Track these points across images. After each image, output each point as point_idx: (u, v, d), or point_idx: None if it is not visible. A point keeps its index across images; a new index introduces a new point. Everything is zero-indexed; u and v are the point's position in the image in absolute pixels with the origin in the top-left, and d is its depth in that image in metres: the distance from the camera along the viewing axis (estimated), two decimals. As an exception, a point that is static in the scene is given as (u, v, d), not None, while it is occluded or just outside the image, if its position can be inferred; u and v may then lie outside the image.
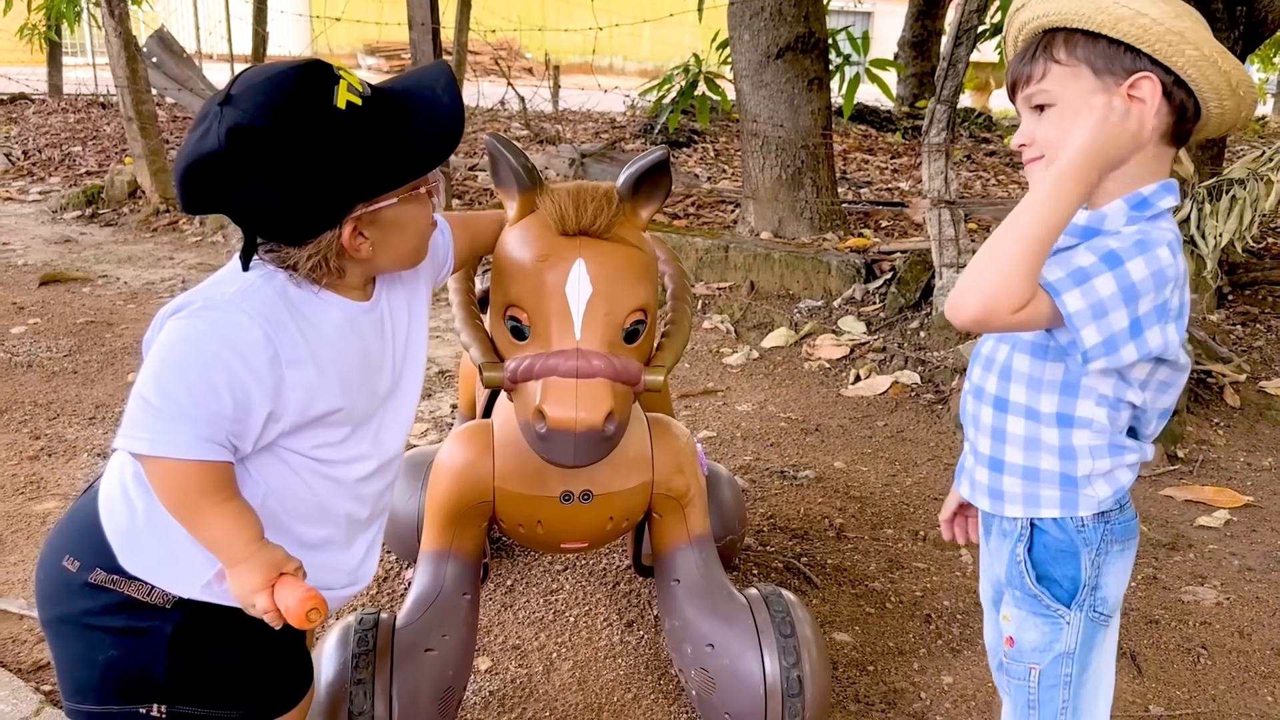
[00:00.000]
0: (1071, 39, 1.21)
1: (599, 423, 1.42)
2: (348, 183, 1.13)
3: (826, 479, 2.87)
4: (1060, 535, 1.36)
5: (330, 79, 1.11)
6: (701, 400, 3.48)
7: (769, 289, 4.47)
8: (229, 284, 1.17)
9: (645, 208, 1.55)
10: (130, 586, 1.19)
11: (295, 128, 1.08)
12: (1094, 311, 1.15)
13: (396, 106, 1.15)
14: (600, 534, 1.73)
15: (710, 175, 6.84)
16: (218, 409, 1.12)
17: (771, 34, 4.81)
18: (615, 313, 1.48)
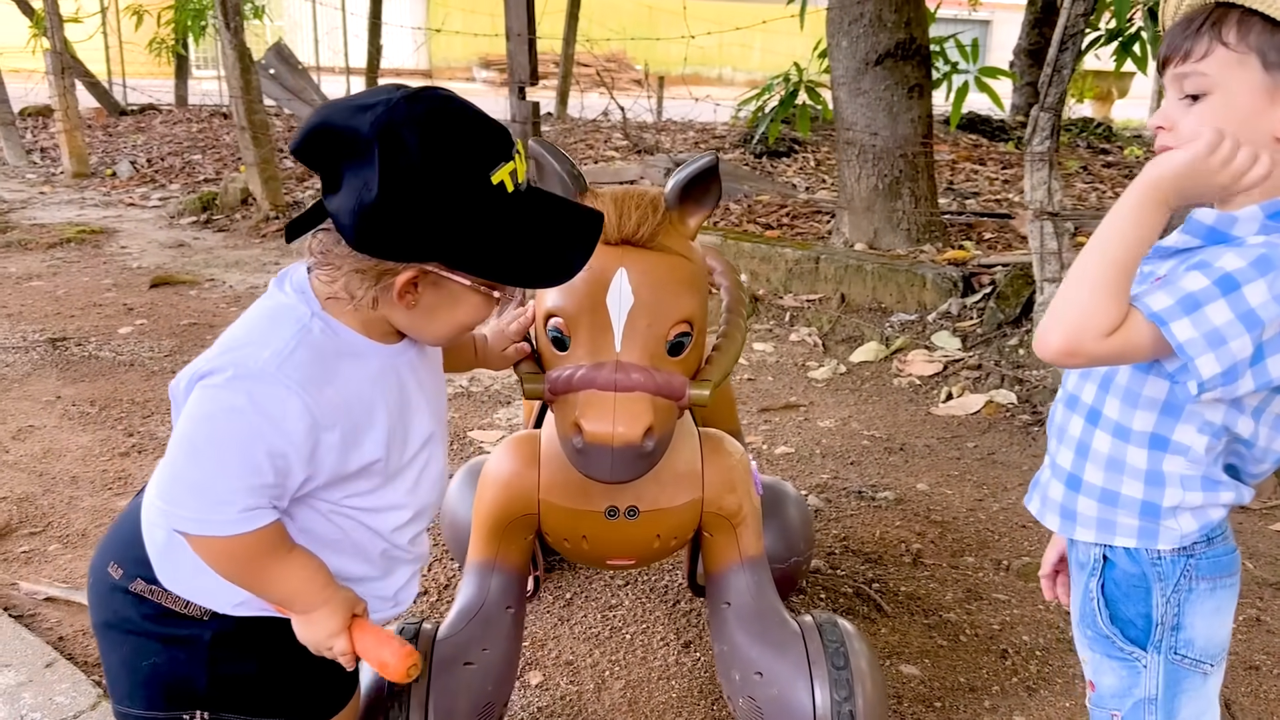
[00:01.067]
0: (1247, 21, 1.07)
1: (637, 438, 1.37)
2: (442, 238, 1.09)
3: (907, 501, 2.75)
4: (1132, 568, 1.24)
5: (503, 155, 1.10)
6: (782, 415, 3.39)
7: (860, 302, 4.35)
8: (262, 346, 1.12)
9: (693, 215, 1.49)
10: (168, 599, 1.21)
11: (442, 162, 1.05)
12: (1210, 340, 1.03)
13: (532, 222, 1.13)
14: (647, 551, 1.68)
15: (809, 185, 6.73)
16: (259, 481, 1.11)
17: (870, 40, 4.70)
18: (658, 324, 1.43)
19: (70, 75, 7.72)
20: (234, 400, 1.08)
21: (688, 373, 1.48)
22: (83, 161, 7.92)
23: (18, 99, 9.06)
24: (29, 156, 8.45)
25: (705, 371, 1.52)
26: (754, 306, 4.38)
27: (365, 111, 1.05)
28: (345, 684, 1.36)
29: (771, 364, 3.90)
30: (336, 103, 1.10)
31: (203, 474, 1.10)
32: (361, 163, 1.05)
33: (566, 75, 11.24)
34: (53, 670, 1.88)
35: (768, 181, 6.64)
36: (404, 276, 1.12)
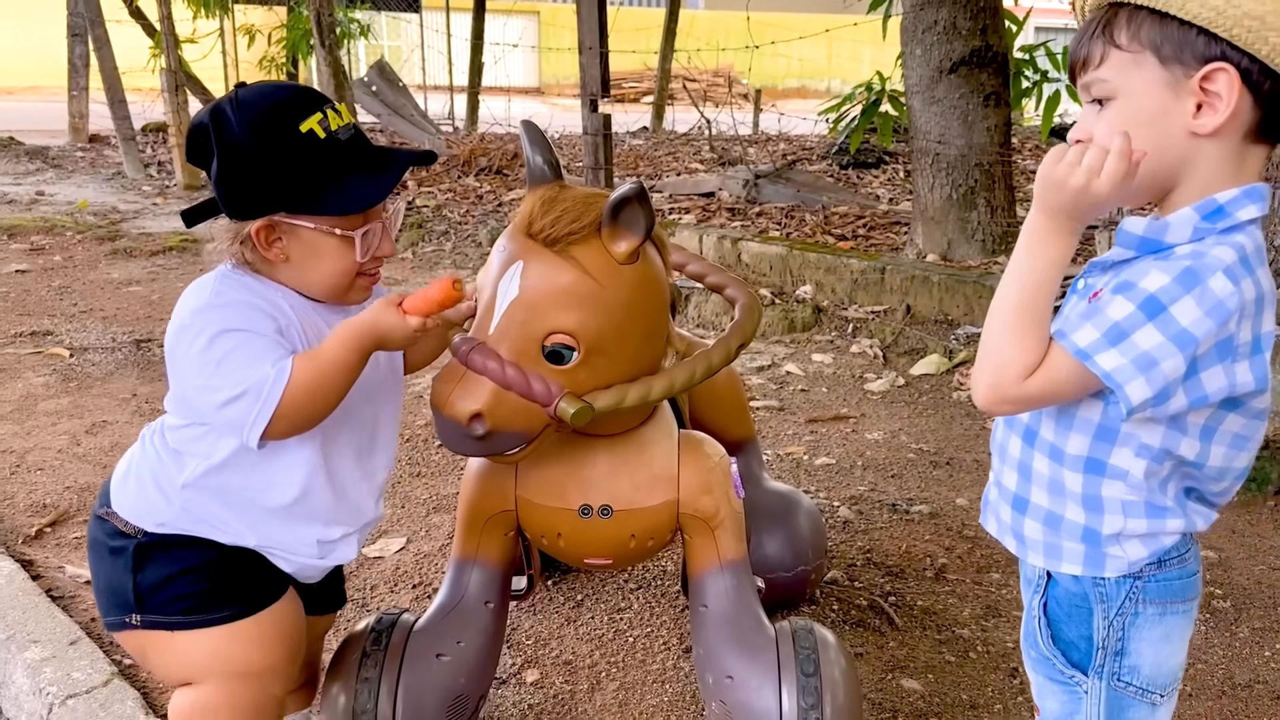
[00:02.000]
0: (1136, 18, 1.03)
1: (462, 417, 1.38)
2: (273, 188, 1.29)
3: (942, 516, 2.68)
4: (1074, 588, 1.20)
5: (309, 109, 1.30)
6: (829, 426, 3.34)
7: (926, 313, 4.26)
8: (198, 290, 1.35)
9: (621, 240, 1.44)
10: (117, 519, 1.42)
11: (256, 127, 1.27)
12: (1139, 364, 0.99)
13: (348, 157, 1.31)
14: (623, 552, 1.68)
15: (893, 197, 6.62)
16: (271, 327, 1.31)
17: (944, 48, 4.61)
18: (532, 325, 1.41)
19: (184, 92, 8.14)
20: (207, 313, 1.30)
21: (575, 385, 1.43)
22: (194, 174, 8.32)
23: (139, 116, 9.59)
24: (146, 170, 8.93)
25: (594, 394, 1.45)
26: (817, 317, 4.33)
27: (207, 109, 1.31)
28: (261, 590, 1.44)
29: (828, 375, 3.85)
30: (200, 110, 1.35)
31: (235, 369, 1.27)
32: (208, 147, 1.29)
33: (662, 90, 11.31)
34: (75, 648, 1.98)
35: (849, 193, 6.56)
36: (254, 226, 1.30)
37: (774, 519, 2.11)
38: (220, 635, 1.38)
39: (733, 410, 2.16)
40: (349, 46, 10.88)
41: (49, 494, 2.78)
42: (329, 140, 1.28)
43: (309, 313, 1.38)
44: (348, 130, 1.32)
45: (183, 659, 1.40)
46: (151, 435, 1.45)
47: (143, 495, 1.41)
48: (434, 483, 2.88)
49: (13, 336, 4.27)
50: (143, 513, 1.41)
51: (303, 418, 1.31)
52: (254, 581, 1.42)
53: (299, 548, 1.45)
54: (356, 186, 1.30)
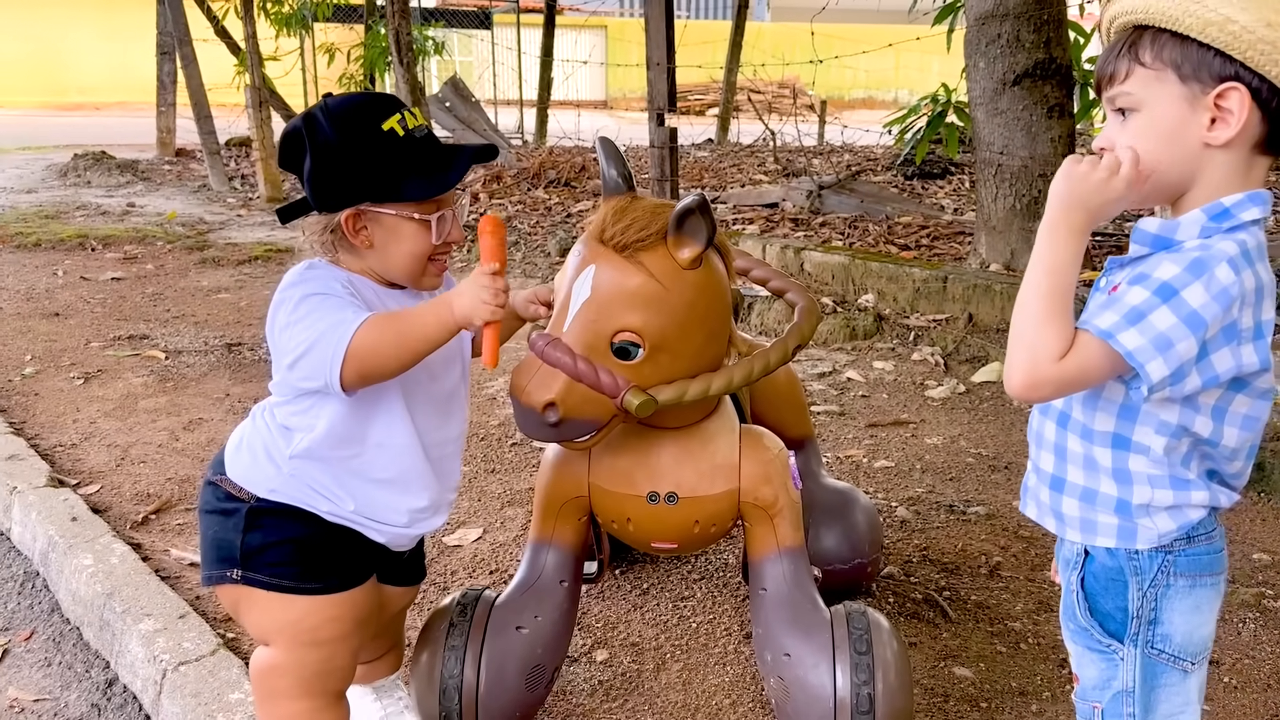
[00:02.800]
0: (1159, 39, 1.15)
1: (536, 405, 1.53)
2: (361, 181, 1.45)
3: (998, 517, 2.76)
4: (1110, 562, 1.29)
5: (389, 111, 1.47)
6: (889, 431, 3.43)
7: (988, 322, 4.31)
8: (291, 275, 1.52)
9: (685, 247, 1.57)
10: (230, 485, 1.57)
11: (344, 127, 1.45)
12: (1157, 344, 1.10)
13: (423, 152, 1.48)
14: (689, 537, 1.80)
15: (958, 208, 6.65)
16: (345, 297, 1.47)
17: (1008, 60, 4.66)
18: (602, 323, 1.55)
19: (267, 108, 8.47)
20: (295, 287, 1.47)
21: (640, 380, 1.57)
22: (277, 187, 8.66)
23: (223, 131, 9.99)
24: (231, 183, 9.30)
25: (658, 388, 1.59)
26: (879, 325, 4.41)
27: (300, 116, 1.49)
28: (353, 570, 1.59)
29: (889, 382, 3.93)
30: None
31: (317, 319, 1.43)
32: (301, 149, 1.47)
33: (728, 102, 11.43)
34: (184, 621, 2.16)
35: (914, 203, 6.61)
36: (344, 215, 1.47)
37: (831, 514, 2.22)
38: (302, 605, 1.53)
39: (792, 409, 2.27)
40: (424, 63, 11.21)
41: (152, 484, 2.99)
42: (406, 138, 1.45)
43: (386, 299, 1.55)
44: (422, 130, 1.48)
45: (266, 618, 1.55)
46: (262, 412, 1.61)
47: (255, 464, 1.57)
48: (507, 479, 3.03)
49: (112, 340, 4.53)
50: (256, 480, 1.55)
51: (373, 365, 1.43)
52: (344, 563, 1.57)
53: (391, 516, 1.60)
54: (430, 176, 1.46)
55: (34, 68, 21.15)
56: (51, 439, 3.36)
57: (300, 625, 1.55)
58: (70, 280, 5.74)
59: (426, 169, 1.46)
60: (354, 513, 1.58)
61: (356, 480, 1.56)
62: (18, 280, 5.71)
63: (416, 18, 11.60)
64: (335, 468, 1.55)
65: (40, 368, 4.13)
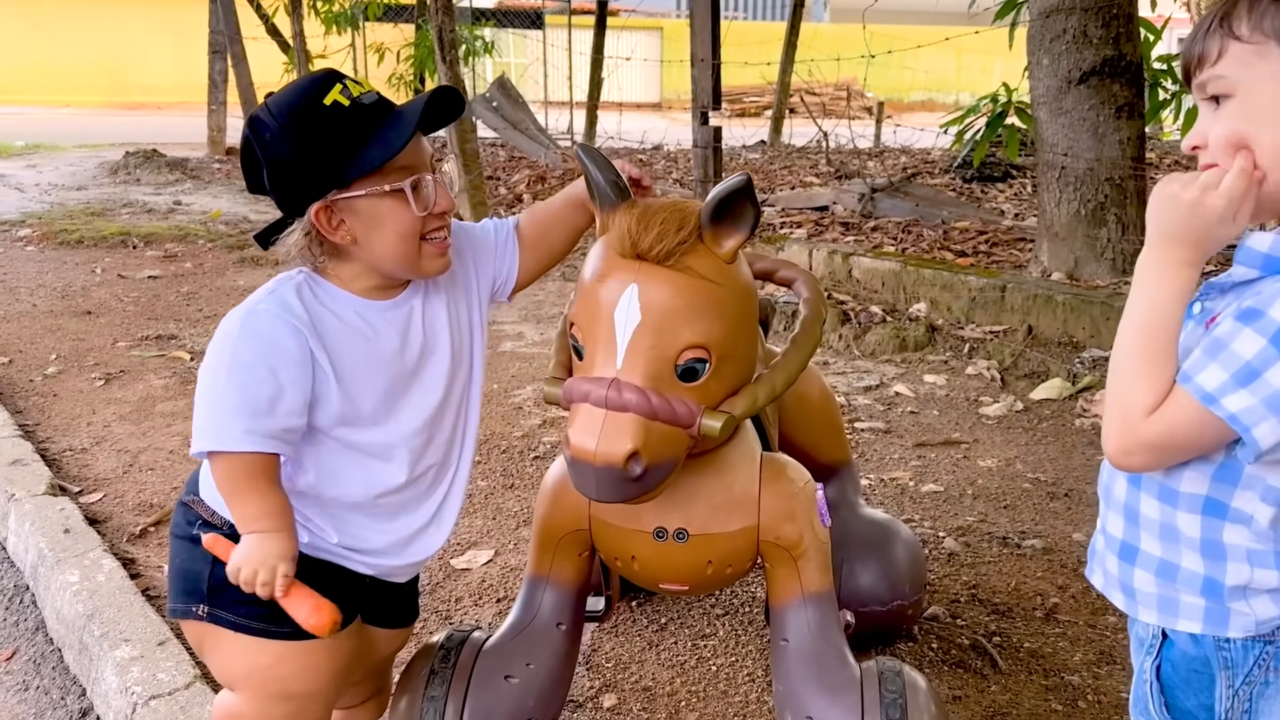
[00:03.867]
0: (1258, 6, 0.94)
1: (618, 460, 1.31)
2: (318, 166, 1.30)
3: (1056, 551, 2.51)
4: (1194, 651, 1.07)
5: (328, 84, 1.31)
6: (939, 451, 3.19)
7: (1048, 335, 4.04)
8: (256, 294, 1.37)
9: (728, 238, 1.39)
10: (202, 508, 1.40)
11: (286, 114, 1.30)
12: (1271, 404, 0.89)
13: (375, 117, 1.32)
14: (700, 578, 1.60)
15: (1019, 213, 6.35)
16: (261, 395, 1.27)
17: (1074, 57, 4.39)
18: (664, 346, 1.35)
19: (313, 108, 8.41)
20: (232, 327, 1.31)
21: (707, 400, 1.39)
22: (322, 187, 8.60)
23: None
24: (278, 182, 9.26)
25: (728, 402, 1.42)
26: (930, 336, 4.17)
27: (245, 125, 1.34)
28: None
29: (941, 398, 3.68)
30: None
31: (215, 392, 1.28)
32: (256, 158, 1.33)
33: (781, 103, 11.19)
34: (163, 649, 2.00)
35: (972, 208, 6.33)
36: (314, 210, 1.31)
37: (869, 548, 2.00)
38: (273, 651, 1.36)
39: (826, 430, 2.06)
40: (473, 64, 11.12)
41: (157, 494, 2.85)
42: (354, 107, 1.30)
43: (372, 313, 1.39)
44: (369, 96, 1.33)
45: (232, 662, 1.39)
46: None
47: None
48: (526, 495, 2.85)
49: (139, 339, 4.44)
50: None
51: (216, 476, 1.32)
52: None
53: (379, 542, 1.44)
54: (386, 137, 1.32)
55: (99, 68, 21.56)
56: (62, 442, 3.26)
57: (270, 674, 1.38)
58: (107, 278, 5.69)
59: (382, 132, 1.32)
60: (338, 545, 1.42)
61: (340, 508, 1.41)
62: (56, 277, 5.67)
63: (467, 17, 11.52)
64: (314, 495, 1.39)
65: (63, 367, 4.05)
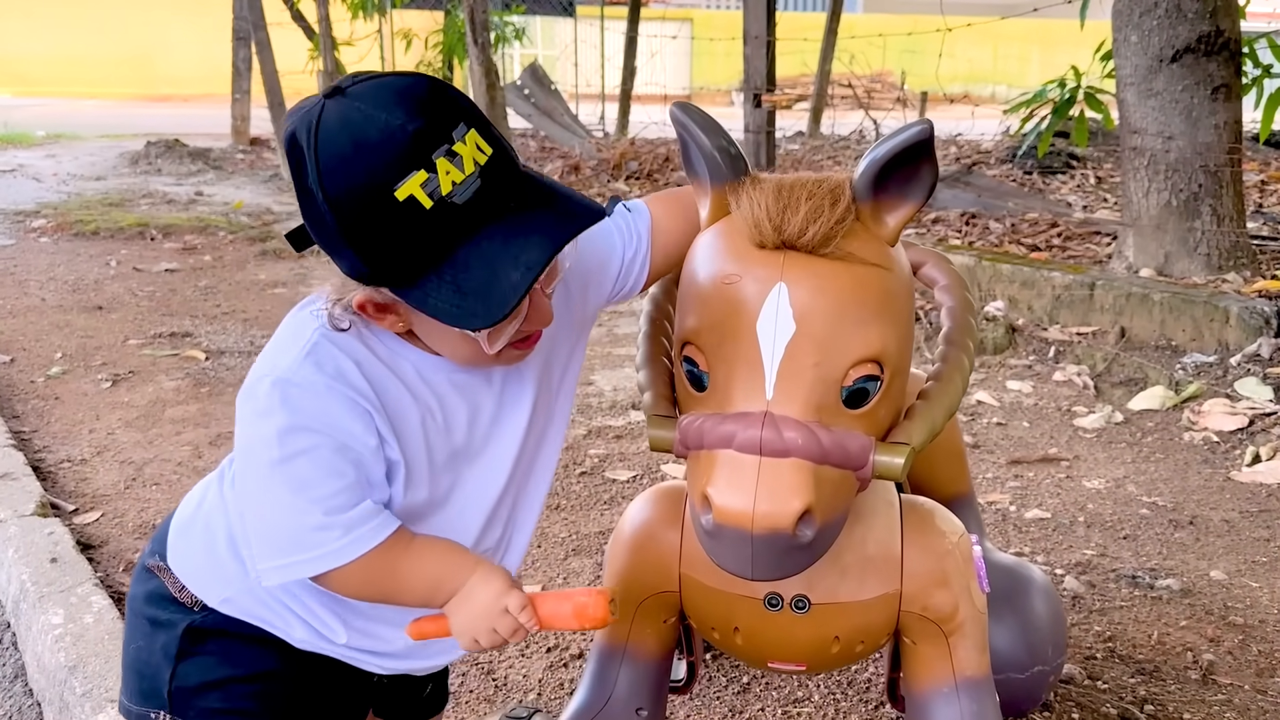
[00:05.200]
0: None
1: (787, 523, 0.97)
2: (369, 263, 0.93)
3: (1197, 594, 2.15)
4: None
5: (412, 163, 0.88)
6: (1038, 470, 2.82)
7: (1144, 337, 3.66)
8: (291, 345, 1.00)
9: (894, 211, 1.07)
10: (169, 579, 1.11)
11: (339, 189, 0.90)
12: None
13: (469, 224, 0.91)
14: (822, 657, 1.26)
15: (1086, 205, 5.96)
16: (343, 484, 0.98)
17: (1167, 33, 4.00)
18: (831, 363, 1.02)
19: (339, 95, 8.12)
20: (266, 405, 0.97)
21: (874, 431, 1.06)
22: (348, 177, 8.31)
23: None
24: (303, 173, 8.98)
25: (902, 430, 1.09)
26: (1011, 338, 3.80)
27: (287, 128, 0.95)
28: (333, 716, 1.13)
29: (1029, 407, 3.31)
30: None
31: (277, 509, 0.98)
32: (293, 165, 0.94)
33: (821, 93, 10.82)
34: (155, 712, 1.68)
35: (1037, 199, 5.94)
36: (356, 298, 0.97)
37: (1002, 602, 1.64)
38: None
39: (948, 457, 1.70)
40: (503, 51, 10.80)
41: (160, 513, 2.54)
42: (439, 209, 0.90)
43: (437, 374, 1.05)
44: (469, 185, 0.91)
45: None
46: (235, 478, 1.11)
47: (211, 558, 1.09)
48: (574, 518, 2.52)
49: (152, 337, 4.14)
50: (206, 580, 1.09)
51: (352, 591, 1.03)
52: (324, 712, 1.09)
53: (400, 644, 1.10)
54: (471, 293, 0.92)
55: (125, 60, 21.42)
56: (60, 452, 2.95)
57: None
58: (122, 271, 5.41)
59: (468, 278, 0.91)
60: (345, 646, 1.09)
61: (355, 605, 1.07)
62: (69, 270, 5.39)
63: (497, 3, 11.21)
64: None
65: (69, 367, 3.75)
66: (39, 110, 15.93)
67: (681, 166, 1.25)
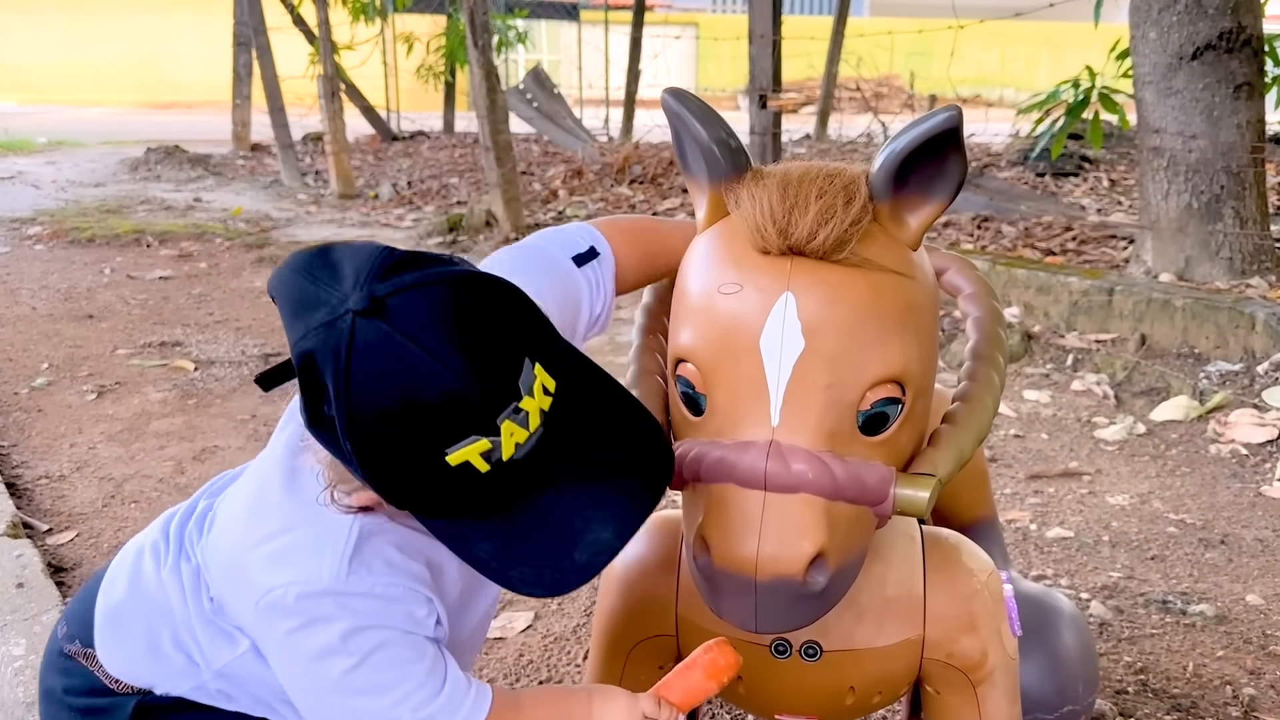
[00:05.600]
0: None
1: (796, 569, 0.85)
2: (391, 499, 0.82)
3: (1233, 620, 2.02)
4: None
5: (472, 427, 0.76)
6: (1058, 485, 2.69)
7: (1165, 345, 3.53)
8: (323, 550, 0.88)
9: (917, 211, 0.95)
10: (99, 669, 1.00)
11: (371, 440, 0.77)
12: None
13: (525, 487, 0.81)
14: (836, 708, 1.13)
15: (1100, 208, 5.82)
16: (429, 661, 0.90)
17: (1187, 30, 3.87)
18: (845, 385, 0.90)
19: (339, 100, 8.02)
20: (337, 626, 0.87)
21: (894, 461, 0.94)
22: (349, 183, 8.20)
23: (301, 127, 9.60)
24: (303, 178, 8.88)
25: (926, 459, 0.96)
26: (1027, 345, 3.66)
27: (301, 318, 0.78)
28: None
29: (1047, 418, 3.18)
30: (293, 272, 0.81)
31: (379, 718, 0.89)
32: (310, 386, 0.79)
33: (828, 96, 10.70)
34: None
35: (1050, 202, 5.81)
36: (359, 498, 0.87)
37: (1028, 636, 1.51)
38: None
39: (972, 480, 1.58)
40: (506, 55, 10.69)
41: (137, 532, 2.42)
42: (495, 472, 0.79)
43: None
44: (532, 440, 0.80)
45: None
46: (179, 562, 0.98)
47: (155, 654, 0.97)
48: (572, 539, 2.39)
49: (141, 347, 4.03)
50: (151, 677, 0.98)
51: None
52: None
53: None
54: (527, 549, 0.83)
55: (130, 68, 21.40)
56: (39, 467, 2.84)
57: None
58: (115, 278, 5.30)
59: (523, 544, 0.83)
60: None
61: None
62: (62, 278, 5.29)
63: (500, 7, 11.11)
64: None
65: (54, 378, 3.64)
66: (42, 118, 15.88)
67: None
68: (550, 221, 6.70)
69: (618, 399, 0.88)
